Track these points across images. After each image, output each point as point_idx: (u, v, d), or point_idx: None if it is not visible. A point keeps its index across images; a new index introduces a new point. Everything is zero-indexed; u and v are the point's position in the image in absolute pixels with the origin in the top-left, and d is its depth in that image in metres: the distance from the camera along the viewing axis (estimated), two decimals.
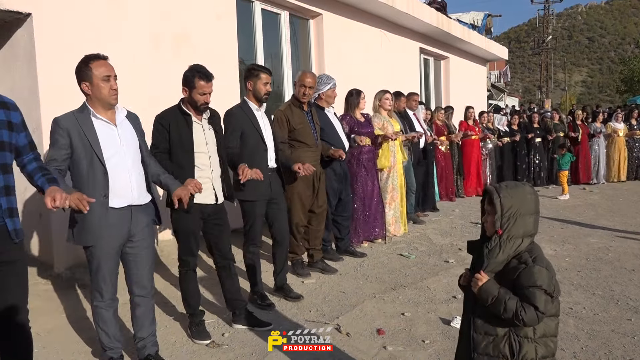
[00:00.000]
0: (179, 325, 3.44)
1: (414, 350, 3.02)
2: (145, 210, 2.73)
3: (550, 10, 43.43)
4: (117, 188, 2.56)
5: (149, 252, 2.78)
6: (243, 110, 3.65)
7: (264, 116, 3.74)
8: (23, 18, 3.89)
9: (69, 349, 3.10)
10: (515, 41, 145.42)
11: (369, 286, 4.20)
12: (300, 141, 4.21)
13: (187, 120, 3.09)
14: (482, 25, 19.90)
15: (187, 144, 3.06)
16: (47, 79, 3.91)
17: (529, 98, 52.73)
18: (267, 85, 3.64)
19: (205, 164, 3.13)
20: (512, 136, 9.74)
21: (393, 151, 5.71)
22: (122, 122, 2.67)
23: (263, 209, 3.70)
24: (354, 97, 5.26)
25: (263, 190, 3.63)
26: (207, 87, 3.04)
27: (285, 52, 6.75)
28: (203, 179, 3.06)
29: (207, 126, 3.17)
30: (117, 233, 2.60)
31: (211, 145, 3.17)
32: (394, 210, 5.81)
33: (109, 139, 2.59)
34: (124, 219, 2.61)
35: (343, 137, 4.77)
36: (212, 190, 3.16)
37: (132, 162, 2.65)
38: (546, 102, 31.20)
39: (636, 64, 37.45)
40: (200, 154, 3.09)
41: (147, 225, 2.75)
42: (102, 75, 2.52)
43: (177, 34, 4.96)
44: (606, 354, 2.93)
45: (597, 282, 4.20)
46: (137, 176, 2.67)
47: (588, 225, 6.40)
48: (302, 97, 4.20)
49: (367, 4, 7.62)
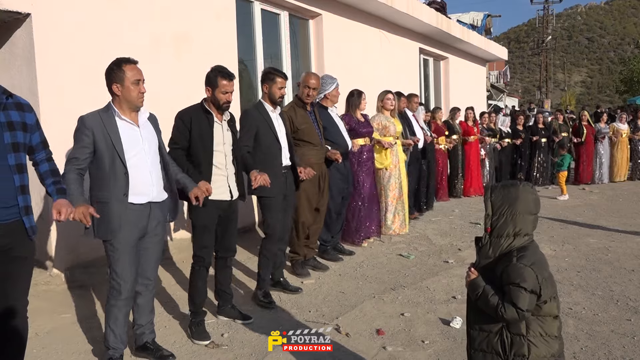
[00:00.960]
0: (178, 325, 3.44)
1: (413, 351, 3.02)
2: (161, 207, 2.87)
3: (549, 11, 43.44)
4: (137, 185, 2.69)
5: (159, 246, 2.94)
6: (259, 110, 3.79)
7: (278, 117, 3.88)
8: (22, 18, 3.89)
9: (69, 349, 3.10)
10: (515, 41, 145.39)
11: (369, 286, 4.20)
12: (305, 141, 4.28)
13: (209, 119, 3.22)
14: (482, 26, 19.91)
15: (207, 142, 3.19)
16: (46, 79, 3.91)
17: (528, 98, 52.71)
18: (282, 89, 3.81)
19: (222, 162, 3.27)
20: (515, 137, 9.73)
21: (395, 150, 5.76)
22: (144, 123, 2.80)
23: (280, 204, 3.80)
24: (355, 97, 5.32)
25: (280, 186, 3.75)
26: (229, 86, 3.19)
27: (284, 52, 6.75)
28: (219, 176, 3.23)
29: (226, 127, 3.32)
30: (135, 228, 2.72)
31: (228, 145, 3.31)
32: (397, 209, 5.85)
33: (131, 139, 2.71)
34: (142, 215, 2.74)
35: (346, 135, 4.85)
36: (228, 187, 3.30)
37: (152, 162, 2.78)
38: (546, 102, 31.25)
39: (636, 64, 37.48)
40: (218, 152, 3.23)
41: (162, 222, 2.90)
42: (134, 79, 2.67)
43: (177, 34, 4.96)
44: (606, 354, 2.93)
45: (596, 282, 4.20)
46: (156, 175, 2.81)
47: (588, 226, 6.40)
48: (305, 98, 4.28)
49: (367, 4, 7.62)
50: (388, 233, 5.82)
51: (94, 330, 3.34)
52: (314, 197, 4.36)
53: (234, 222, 3.44)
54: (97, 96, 3.98)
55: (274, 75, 3.79)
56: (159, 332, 3.17)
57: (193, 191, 2.97)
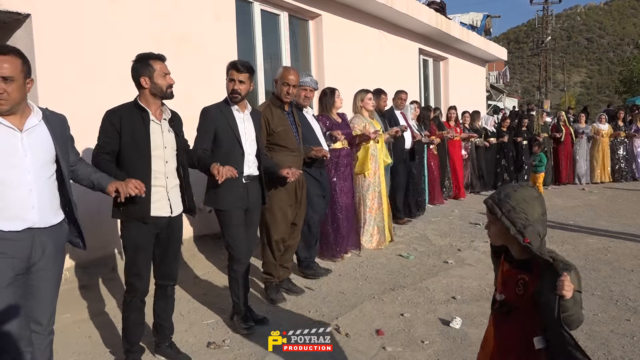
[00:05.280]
0: (178, 325, 3.44)
1: (413, 351, 3.02)
2: (52, 233, 2.23)
3: (549, 11, 43.44)
4: (9, 208, 2.10)
5: (51, 284, 2.26)
6: (220, 108, 3.27)
7: (248, 119, 3.34)
8: (22, 19, 3.89)
9: (69, 349, 3.10)
10: (514, 42, 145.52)
11: (368, 287, 4.20)
12: (281, 145, 3.79)
13: (144, 117, 2.70)
14: (481, 26, 19.92)
15: (142, 146, 2.66)
16: (46, 79, 3.91)
17: (528, 99, 52.79)
18: (233, 82, 3.22)
19: (161, 170, 2.72)
20: (500, 137, 9.59)
21: (375, 155, 5.31)
22: (32, 128, 2.18)
23: (241, 218, 3.29)
24: (328, 96, 4.87)
25: (238, 199, 3.24)
26: (166, 67, 2.76)
27: (284, 52, 6.75)
28: (157, 187, 2.70)
29: (167, 127, 2.78)
30: (10, 262, 2.09)
31: (169, 149, 2.77)
32: (376, 220, 5.39)
33: (4, 149, 2.09)
34: (20, 246, 2.12)
35: (322, 140, 4.40)
36: (168, 200, 2.76)
37: (36, 177, 2.14)
38: (545, 102, 31.25)
39: (635, 65, 37.59)
40: (156, 158, 2.70)
41: (55, 253, 2.25)
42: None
43: (177, 34, 4.96)
44: (605, 354, 2.94)
45: (596, 282, 4.21)
46: (42, 193, 2.16)
47: (587, 226, 6.41)
48: (285, 97, 3.80)
49: (366, 4, 7.63)
50: (367, 247, 5.30)
51: (94, 331, 3.34)
52: (290, 210, 3.88)
53: (176, 244, 2.91)
54: (97, 96, 4.01)
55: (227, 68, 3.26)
56: None
57: (110, 186, 2.40)
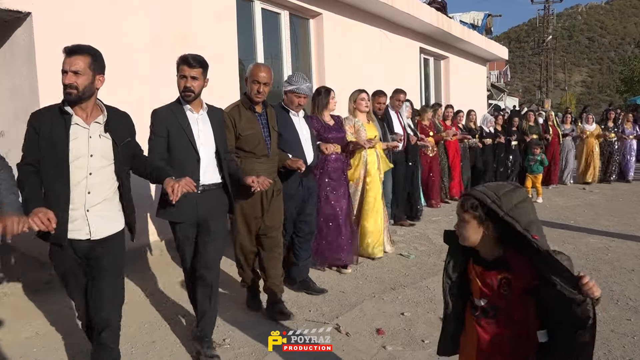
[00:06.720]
0: (178, 325, 3.44)
1: (413, 350, 3.02)
2: None
3: (550, 10, 43.48)
4: None
5: None
6: (171, 109, 2.90)
7: (203, 119, 2.95)
8: (23, 17, 3.89)
9: (69, 349, 3.10)
10: (516, 41, 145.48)
11: (369, 286, 4.20)
12: (246, 151, 3.38)
13: (66, 120, 2.25)
14: (482, 25, 19.93)
15: (59, 153, 2.22)
16: (46, 78, 3.91)
17: (529, 98, 52.77)
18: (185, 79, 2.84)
19: (81, 183, 2.26)
20: (497, 137, 9.44)
21: (364, 161, 4.90)
22: None
23: (189, 231, 2.93)
24: (322, 96, 4.44)
25: (187, 211, 2.85)
26: (65, 65, 2.26)
27: (285, 52, 6.75)
28: (74, 204, 2.27)
29: (99, 131, 2.31)
30: None
31: (97, 158, 2.29)
32: (374, 228, 4.97)
33: None
34: None
35: (308, 146, 3.89)
36: (86, 220, 2.30)
37: None
38: (546, 102, 31.22)
39: (636, 64, 37.55)
40: (77, 169, 2.25)
41: None
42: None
43: (177, 34, 4.96)
44: (605, 354, 2.93)
45: (596, 282, 4.17)
46: None
47: (587, 226, 6.40)
48: (255, 96, 3.38)
49: (367, 3, 7.62)
50: (364, 255, 4.98)
51: None
52: (251, 221, 3.47)
53: (109, 274, 2.37)
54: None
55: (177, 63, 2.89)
56: (159, 332, 3.16)
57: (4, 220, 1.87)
